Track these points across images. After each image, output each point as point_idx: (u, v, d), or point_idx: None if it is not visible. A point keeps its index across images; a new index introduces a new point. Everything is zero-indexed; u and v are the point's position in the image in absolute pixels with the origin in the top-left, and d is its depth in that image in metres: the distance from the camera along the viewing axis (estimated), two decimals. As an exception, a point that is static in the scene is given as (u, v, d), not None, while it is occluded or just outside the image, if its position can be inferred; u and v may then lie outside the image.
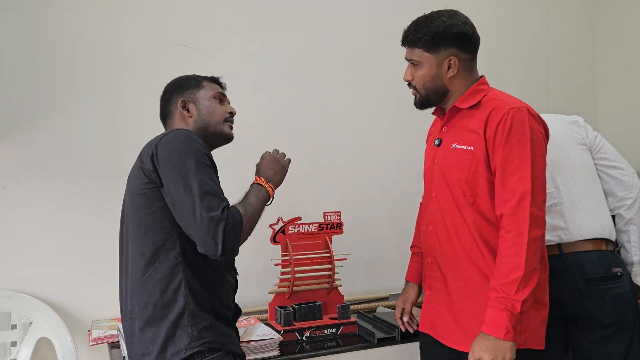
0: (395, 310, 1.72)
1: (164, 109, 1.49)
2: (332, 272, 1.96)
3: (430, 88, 1.48)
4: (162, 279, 1.25)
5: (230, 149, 1.55)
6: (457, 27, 1.44)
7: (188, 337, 1.23)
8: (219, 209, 1.19)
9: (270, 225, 1.91)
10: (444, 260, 1.47)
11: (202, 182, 1.21)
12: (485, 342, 1.28)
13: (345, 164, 2.41)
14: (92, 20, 2.05)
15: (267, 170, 1.45)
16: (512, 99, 1.42)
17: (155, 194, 1.27)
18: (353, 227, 2.19)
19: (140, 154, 1.32)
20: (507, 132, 1.34)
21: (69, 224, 2.02)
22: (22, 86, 1.97)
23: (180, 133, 1.29)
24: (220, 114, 1.46)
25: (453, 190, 1.44)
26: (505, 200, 1.33)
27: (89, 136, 2.04)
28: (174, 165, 1.23)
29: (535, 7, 2.86)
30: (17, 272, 1.95)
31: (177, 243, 1.26)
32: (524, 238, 1.29)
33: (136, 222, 1.29)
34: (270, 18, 2.31)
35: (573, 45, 2.95)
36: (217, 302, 1.32)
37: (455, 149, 1.45)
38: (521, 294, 1.27)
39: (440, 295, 1.49)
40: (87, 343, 1.93)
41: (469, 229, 1.41)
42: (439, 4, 1.57)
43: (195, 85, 1.48)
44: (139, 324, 1.26)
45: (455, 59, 1.45)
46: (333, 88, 2.41)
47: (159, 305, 1.25)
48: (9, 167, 1.95)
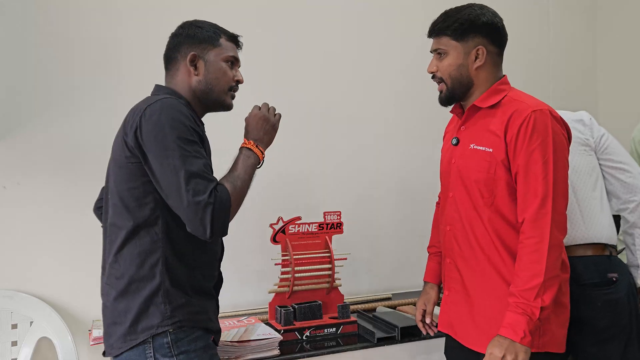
0: (417, 312, 1.66)
1: (170, 51, 1.39)
2: (332, 272, 1.96)
3: (456, 78, 1.43)
4: (140, 254, 1.23)
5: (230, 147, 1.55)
6: (487, 16, 1.43)
7: (160, 315, 1.22)
8: (206, 192, 1.16)
9: (271, 225, 1.92)
10: (462, 261, 1.45)
11: (187, 162, 1.17)
12: (501, 341, 1.28)
13: (345, 164, 2.41)
14: (91, 20, 2.05)
15: (255, 131, 1.37)
16: (534, 101, 1.39)
17: (138, 168, 1.23)
18: (353, 227, 2.19)
19: (125, 121, 1.27)
20: (529, 136, 1.31)
21: (69, 224, 2.02)
22: (22, 86, 1.98)
23: (166, 105, 1.22)
24: (227, 81, 1.38)
25: (470, 191, 1.42)
26: (527, 206, 1.31)
27: (89, 136, 2.05)
28: (159, 143, 1.18)
29: (535, 6, 2.86)
30: (17, 272, 1.95)
31: (159, 219, 1.24)
32: (545, 244, 1.27)
33: (118, 195, 1.26)
34: (270, 17, 2.31)
35: (573, 45, 2.95)
36: (198, 275, 1.30)
37: (473, 149, 1.42)
38: (540, 300, 1.26)
39: (458, 296, 1.47)
40: (87, 343, 1.93)
41: (486, 230, 1.39)
42: (433, 7, 1.57)
43: (211, 41, 1.37)
44: (113, 294, 1.25)
45: (484, 49, 1.42)
46: (333, 87, 2.41)
47: (135, 279, 1.23)
48: (9, 167, 1.96)
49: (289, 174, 2.27)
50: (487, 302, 1.40)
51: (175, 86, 1.37)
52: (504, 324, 1.29)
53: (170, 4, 2.16)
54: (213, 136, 1.44)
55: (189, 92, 1.36)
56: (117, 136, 1.30)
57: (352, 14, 2.45)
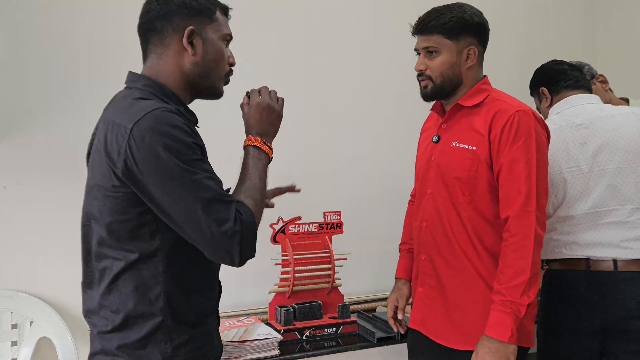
0: (388, 308, 1.66)
1: (155, 22, 1.12)
2: (332, 272, 1.96)
3: (448, 77, 1.44)
4: (138, 288, 1.06)
5: (230, 149, 1.55)
6: (478, 17, 1.44)
7: (160, 355, 1.07)
8: (230, 220, 1.02)
9: (271, 225, 1.92)
10: (439, 257, 1.47)
11: (200, 188, 1.01)
12: (489, 344, 1.28)
13: (345, 164, 2.41)
14: (92, 20, 2.05)
15: (260, 124, 1.18)
16: (517, 102, 1.42)
17: (130, 198, 1.04)
18: (353, 227, 2.19)
19: (105, 142, 1.03)
20: (513, 135, 1.34)
21: (69, 224, 2.01)
22: (22, 86, 1.98)
23: (157, 122, 1.00)
24: (224, 66, 1.18)
25: (450, 188, 1.43)
26: (510, 203, 1.33)
27: (89, 136, 2.04)
28: (160, 172, 0.99)
29: (535, 6, 2.86)
30: (17, 272, 1.95)
31: (159, 251, 1.07)
32: (530, 241, 1.29)
33: (106, 228, 1.07)
34: (270, 18, 2.31)
35: (573, 44, 2.95)
36: (200, 300, 1.15)
37: (456, 147, 1.43)
38: (526, 297, 1.28)
39: (432, 292, 1.49)
40: (87, 343, 1.93)
41: (464, 227, 1.41)
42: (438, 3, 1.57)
43: (209, 14, 1.14)
44: (107, 327, 1.09)
45: (475, 49, 1.44)
46: (333, 87, 2.41)
47: (132, 315, 1.07)
48: (10, 167, 1.95)
49: (288, 173, 2.26)
50: (463, 298, 1.42)
51: (160, 71, 1.14)
52: (490, 323, 1.30)
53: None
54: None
55: (178, 77, 1.14)
56: (95, 153, 1.10)
57: (351, 13, 2.45)
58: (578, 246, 1.61)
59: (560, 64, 1.83)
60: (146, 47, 1.17)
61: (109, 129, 1.04)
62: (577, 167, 1.62)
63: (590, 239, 1.60)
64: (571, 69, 1.78)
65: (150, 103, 1.05)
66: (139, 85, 1.13)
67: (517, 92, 2.55)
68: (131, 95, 1.10)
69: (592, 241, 1.60)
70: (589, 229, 1.61)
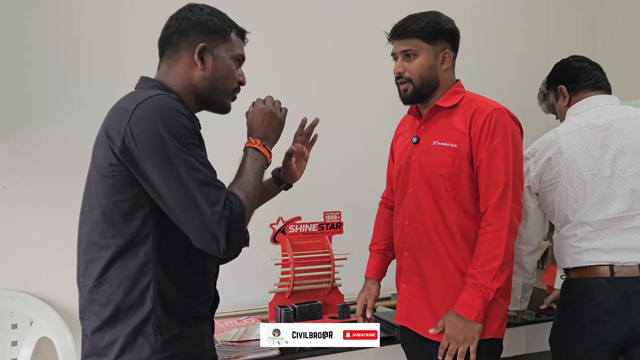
0: (357, 307, 1.72)
1: (173, 35, 1.21)
2: (332, 272, 1.96)
3: (426, 78, 1.51)
4: (128, 278, 1.07)
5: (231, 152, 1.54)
6: (451, 24, 1.54)
7: (150, 348, 1.07)
8: (219, 204, 1.03)
9: (271, 225, 1.92)
10: (422, 254, 1.53)
11: (194, 169, 1.03)
12: (456, 321, 1.41)
13: (345, 164, 2.41)
14: (92, 20, 2.05)
15: (262, 128, 1.24)
16: (492, 101, 1.51)
17: (126, 179, 1.06)
18: (353, 227, 2.19)
19: (107, 122, 1.09)
20: (492, 131, 1.43)
21: (69, 224, 2.00)
22: (22, 86, 1.98)
23: (158, 104, 1.06)
24: (232, 82, 1.24)
25: (433, 186, 1.50)
26: (490, 195, 1.42)
27: (90, 136, 2.01)
28: (157, 151, 1.02)
29: (535, 6, 2.86)
30: (17, 272, 1.95)
31: (149, 237, 1.07)
32: (504, 231, 1.39)
33: (100, 210, 1.09)
34: (270, 19, 2.31)
35: (573, 45, 2.95)
36: (193, 301, 1.15)
37: (437, 146, 1.50)
38: (496, 282, 1.38)
39: (416, 288, 1.55)
40: (87, 343, 1.93)
41: (447, 224, 1.49)
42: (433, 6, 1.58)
43: (223, 34, 1.21)
44: (97, 323, 1.09)
45: (450, 53, 1.52)
46: (333, 87, 2.41)
47: (122, 307, 1.07)
48: (10, 167, 1.96)
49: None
50: (445, 292, 1.49)
51: (170, 78, 1.20)
52: (460, 303, 1.41)
53: (171, 5, 2.15)
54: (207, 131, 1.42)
55: (187, 87, 1.20)
56: (98, 139, 1.13)
57: (351, 13, 2.45)
58: (601, 252, 1.55)
59: (580, 60, 1.78)
60: (161, 58, 1.24)
61: (112, 113, 1.10)
62: (598, 171, 1.58)
63: (615, 244, 1.54)
64: (592, 68, 1.74)
65: (154, 91, 1.11)
66: (147, 86, 1.20)
67: (517, 92, 2.57)
68: (140, 90, 1.18)
69: (617, 246, 1.54)
70: (613, 234, 1.55)
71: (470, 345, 1.40)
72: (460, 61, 1.63)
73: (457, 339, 1.40)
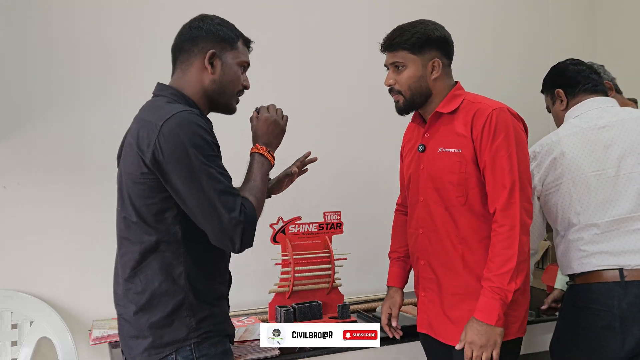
0: (382, 316, 1.75)
1: (185, 43, 1.33)
2: (332, 272, 1.96)
3: (416, 89, 1.52)
4: (162, 268, 1.23)
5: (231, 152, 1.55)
6: (440, 31, 1.53)
7: (186, 328, 1.23)
8: (236, 210, 1.18)
9: (271, 225, 1.92)
10: (437, 261, 1.53)
11: (214, 180, 1.18)
12: (478, 327, 1.38)
13: (345, 164, 2.41)
14: (92, 20, 2.05)
15: (266, 135, 1.38)
16: (491, 101, 1.49)
17: (156, 184, 1.21)
18: (353, 227, 2.19)
19: (137, 134, 1.22)
20: (492, 132, 1.42)
21: (69, 224, 2.02)
22: (22, 86, 1.98)
23: (183, 120, 1.19)
24: (237, 86, 1.37)
25: (442, 193, 1.50)
26: (497, 197, 1.41)
27: (90, 137, 2.05)
28: (183, 164, 1.17)
29: (535, 6, 2.86)
30: (17, 272, 1.95)
31: (179, 234, 1.23)
32: (516, 231, 1.37)
33: (134, 210, 1.23)
34: (270, 20, 2.31)
35: (573, 44, 2.95)
36: (217, 283, 1.32)
37: (443, 152, 1.51)
38: (513, 284, 1.36)
39: (434, 296, 1.55)
40: (87, 343, 1.93)
41: (460, 230, 1.47)
42: (433, 6, 1.58)
43: (231, 42, 1.35)
44: (133, 308, 1.24)
45: (439, 61, 1.51)
46: (333, 87, 2.41)
47: (157, 294, 1.22)
48: (10, 168, 1.96)
49: (289, 174, 2.27)
50: (462, 298, 1.48)
51: (184, 83, 1.33)
52: (479, 308, 1.39)
53: (171, 5, 2.16)
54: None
55: (199, 90, 1.33)
56: (127, 147, 1.27)
57: (350, 14, 2.45)
58: (609, 255, 1.52)
59: (578, 64, 1.77)
60: (175, 64, 1.36)
61: (141, 126, 1.23)
62: (603, 171, 1.55)
63: (624, 246, 1.51)
64: (590, 72, 1.74)
65: (178, 106, 1.24)
66: (166, 93, 1.32)
67: (517, 91, 2.57)
68: (160, 100, 1.30)
69: (626, 249, 1.50)
70: (621, 236, 1.52)
71: (493, 350, 1.37)
72: (460, 61, 1.63)
73: (480, 344, 1.37)
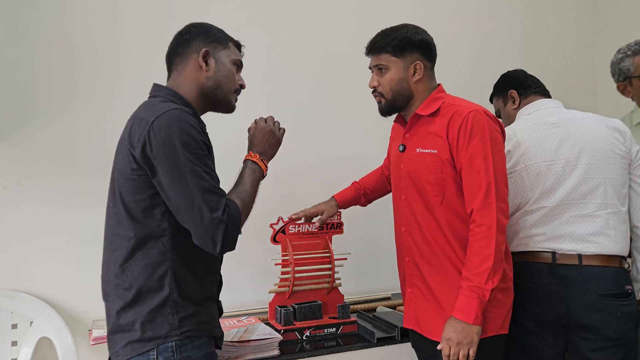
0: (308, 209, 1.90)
1: (178, 48, 1.38)
2: (332, 272, 1.97)
3: (397, 91, 1.55)
4: (149, 265, 1.23)
5: (231, 153, 1.55)
6: (421, 35, 1.56)
7: (168, 325, 1.23)
8: (219, 210, 1.18)
9: (271, 225, 1.92)
10: (421, 258, 1.56)
11: (200, 178, 1.19)
12: (455, 324, 1.41)
13: (345, 164, 2.41)
14: (92, 20, 2.05)
15: (261, 144, 1.41)
16: (469, 103, 1.52)
17: (145, 181, 1.22)
18: (353, 227, 2.19)
19: (129, 131, 1.24)
20: (469, 134, 1.44)
21: (69, 224, 2.02)
22: (23, 86, 1.98)
23: (174, 117, 1.21)
24: (234, 82, 1.40)
25: (422, 192, 1.54)
26: (473, 197, 1.44)
27: (90, 136, 2.05)
28: (170, 159, 1.18)
29: (535, 6, 2.86)
30: (17, 272, 1.95)
31: (167, 231, 1.24)
32: (493, 231, 1.40)
33: (124, 206, 1.24)
34: (270, 20, 2.31)
35: (573, 44, 2.95)
36: (206, 283, 1.32)
37: (420, 153, 1.54)
38: (490, 283, 1.38)
39: (420, 292, 1.57)
40: (87, 342, 1.93)
41: (440, 227, 1.51)
42: (434, 6, 1.58)
43: (222, 41, 1.39)
44: (120, 304, 1.25)
45: (421, 64, 1.55)
46: (333, 87, 2.42)
47: (143, 290, 1.23)
48: (10, 167, 1.96)
49: (289, 173, 2.27)
50: (447, 294, 1.50)
51: (180, 83, 1.36)
52: (458, 307, 1.41)
53: (171, 5, 2.16)
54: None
55: (196, 89, 1.35)
56: (120, 144, 1.28)
57: (348, 13, 2.45)
58: (545, 238, 1.63)
59: (526, 72, 1.94)
60: (170, 68, 1.39)
61: (134, 123, 1.24)
62: (553, 162, 1.65)
63: (559, 231, 1.62)
64: (537, 80, 1.90)
65: (171, 104, 1.26)
66: (162, 94, 1.34)
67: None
68: (155, 100, 1.32)
69: (559, 234, 1.62)
70: (558, 221, 1.63)
71: (470, 347, 1.40)
72: (460, 61, 1.64)
73: (457, 341, 1.40)
